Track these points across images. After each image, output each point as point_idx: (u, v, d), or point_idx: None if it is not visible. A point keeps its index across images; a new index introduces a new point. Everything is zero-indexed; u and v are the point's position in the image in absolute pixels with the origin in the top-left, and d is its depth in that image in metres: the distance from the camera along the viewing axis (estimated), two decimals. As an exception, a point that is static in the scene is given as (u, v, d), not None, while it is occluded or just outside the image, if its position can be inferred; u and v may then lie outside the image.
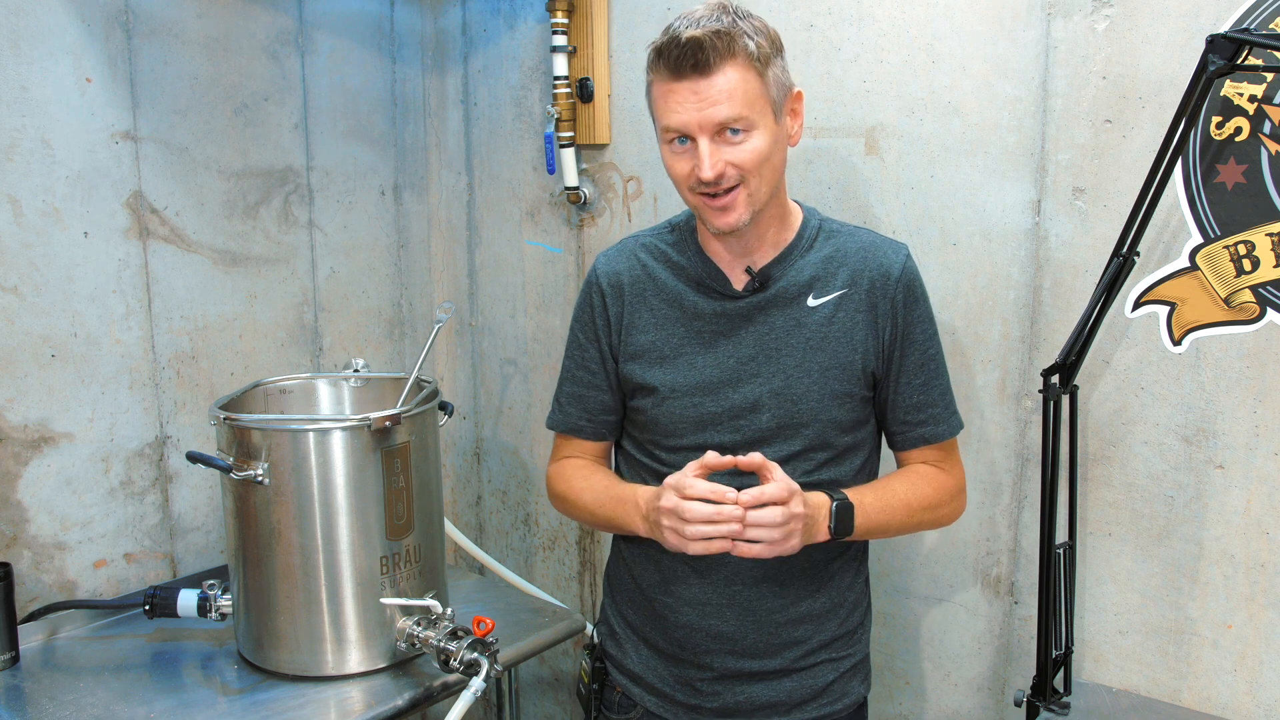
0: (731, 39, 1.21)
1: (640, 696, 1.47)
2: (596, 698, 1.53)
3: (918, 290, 1.40)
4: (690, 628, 1.40)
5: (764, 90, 1.25)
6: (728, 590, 1.38)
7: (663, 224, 1.49)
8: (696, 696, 1.42)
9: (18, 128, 1.68)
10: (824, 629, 1.41)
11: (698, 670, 1.41)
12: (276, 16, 2.03)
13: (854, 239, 1.40)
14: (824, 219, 1.43)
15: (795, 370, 1.35)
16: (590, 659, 1.55)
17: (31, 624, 1.71)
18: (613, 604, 1.53)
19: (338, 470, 1.55)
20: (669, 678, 1.44)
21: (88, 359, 1.79)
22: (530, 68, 2.15)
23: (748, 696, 1.40)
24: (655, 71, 1.27)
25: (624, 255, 1.46)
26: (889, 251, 1.39)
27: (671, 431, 1.39)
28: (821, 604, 1.41)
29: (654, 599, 1.43)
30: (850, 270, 1.37)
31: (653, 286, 1.42)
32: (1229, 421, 1.40)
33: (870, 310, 1.37)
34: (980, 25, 1.54)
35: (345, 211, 2.20)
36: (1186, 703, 1.48)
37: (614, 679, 1.51)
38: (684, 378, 1.37)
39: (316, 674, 1.59)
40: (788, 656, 1.40)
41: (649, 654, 1.46)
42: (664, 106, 1.27)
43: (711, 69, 1.21)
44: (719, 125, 1.23)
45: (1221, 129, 1.35)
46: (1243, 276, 1.36)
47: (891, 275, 1.37)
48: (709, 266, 1.39)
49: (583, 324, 1.48)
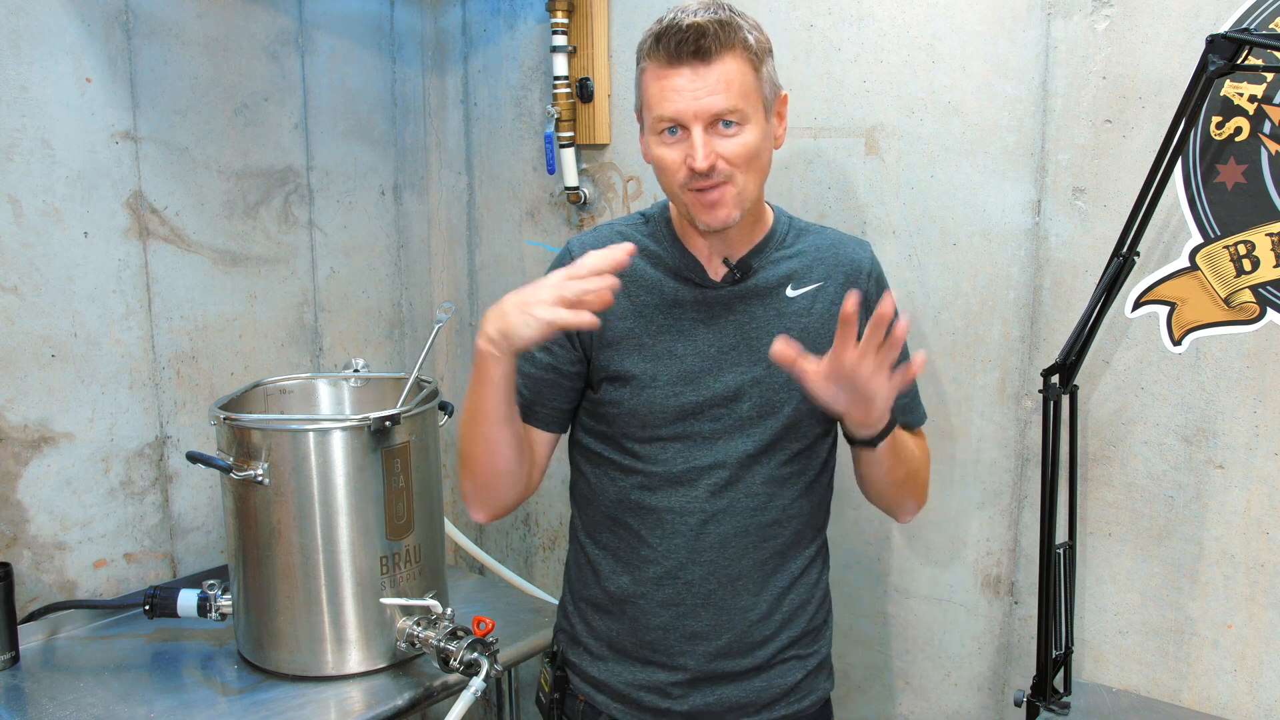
0: (733, 29, 1.21)
1: (605, 704, 1.43)
2: (558, 707, 1.49)
3: (884, 283, 1.45)
4: (664, 629, 1.38)
5: (758, 85, 1.25)
6: (702, 589, 1.36)
7: (634, 215, 1.45)
8: (666, 700, 1.39)
9: (18, 128, 1.68)
10: (793, 626, 1.41)
11: (669, 673, 1.39)
12: (276, 16, 2.03)
13: (822, 235, 1.42)
14: (792, 217, 1.44)
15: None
16: (551, 667, 1.50)
17: (31, 624, 1.71)
18: (576, 610, 1.48)
19: (338, 470, 1.55)
20: (638, 683, 1.40)
21: (88, 359, 1.79)
22: (530, 68, 2.16)
23: (718, 698, 1.39)
24: (651, 58, 1.25)
25: (599, 240, 1.41)
26: (855, 247, 1.42)
27: (649, 421, 1.35)
28: (791, 601, 1.40)
29: (624, 602, 1.40)
30: (825, 265, 1.39)
31: (630, 273, 1.36)
32: (1229, 421, 1.40)
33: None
34: (980, 25, 1.54)
35: (345, 211, 2.20)
36: (1186, 703, 1.48)
37: (576, 687, 1.47)
38: (664, 366, 1.35)
39: (316, 674, 1.59)
40: (759, 656, 1.39)
41: (616, 659, 1.42)
42: (658, 94, 1.24)
43: (712, 56, 1.20)
44: (715, 115, 1.22)
45: (1221, 129, 1.35)
46: (1243, 276, 1.36)
47: (862, 269, 1.40)
48: (687, 257, 1.37)
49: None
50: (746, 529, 1.36)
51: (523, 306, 1.20)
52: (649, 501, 1.36)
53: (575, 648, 1.47)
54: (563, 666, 1.49)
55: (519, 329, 1.20)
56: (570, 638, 1.48)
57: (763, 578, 1.38)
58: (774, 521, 1.37)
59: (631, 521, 1.38)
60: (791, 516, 1.38)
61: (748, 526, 1.36)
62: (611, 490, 1.39)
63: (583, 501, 1.46)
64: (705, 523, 1.35)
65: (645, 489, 1.36)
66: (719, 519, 1.35)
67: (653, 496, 1.36)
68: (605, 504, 1.40)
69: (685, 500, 1.35)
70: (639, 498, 1.37)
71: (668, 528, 1.35)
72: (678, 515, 1.35)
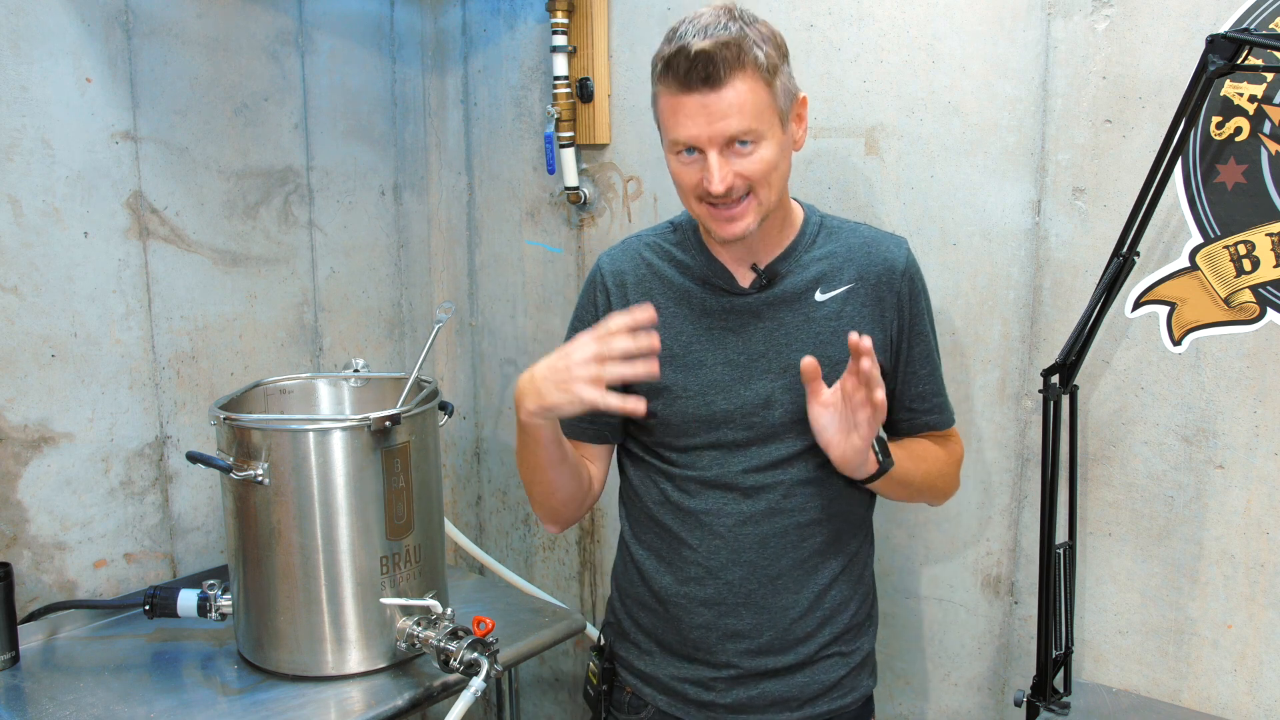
0: (740, 50, 1.19)
1: (651, 696, 1.46)
2: (605, 699, 1.52)
3: (919, 283, 1.42)
4: (706, 628, 1.40)
5: (772, 100, 1.24)
6: (743, 589, 1.38)
7: (663, 224, 1.48)
8: (709, 693, 1.41)
9: (18, 128, 1.68)
10: (835, 623, 1.42)
11: (712, 669, 1.41)
12: (276, 16, 2.03)
13: (855, 234, 1.41)
14: (824, 216, 1.43)
15: None
16: (599, 660, 1.54)
17: (31, 624, 1.71)
18: (622, 607, 1.51)
19: (338, 470, 1.55)
20: (682, 677, 1.43)
21: (88, 359, 1.79)
22: (530, 68, 2.15)
23: (760, 692, 1.40)
24: (663, 84, 1.25)
25: (628, 254, 1.45)
26: (891, 246, 1.40)
27: (683, 431, 1.38)
28: (833, 599, 1.41)
29: (667, 600, 1.42)
30: (856, 266, 1.38)
31: (658, 284, 1.41)
32: (1229, 421, 1.40)
33: (877, 304, 1.37)
34: (980, 25, 1.54)
35: (345, 211, 2.20)
36: (1186, 703, 1.48)
37: (623, 679, 1.50)
38: (695, 376, 1.36)
39: (316, 674, 1.59)
40: (801, 652, 1.40)
41: (661, 654, 1.45)
42: (672, 120, 1.25)
43: (721, 83, 1.19)
44: (729, 139, 1.22)
45: (1221, 129, 1.35)
46: (1243, 276, 1.36)
47: (896, 269, 1.38)
48: (714, 265, 1.38)
49: (586, 320, 1.45)
50: (785, 530, 1.36)
51: (563, 385, 1.20)
52: (687, 504, 1.39)
53: (623, 642, 1.51)
54: (610, 659, 1.52)
55: (562, 407, 1.22)
56: (617, 632, 1.52)
57: (803, 576, 1.39)
58: (813, 521, 1.37)
59: (672, 523, 1.40)
60: (831, 516, 1.39)
61: (786, 527, 1.36)
62: (653, 493, 1.42)
63: (628, 503, 1.50)
64: (743, 524, 1.36)
65: (683, 493, 1.39)
66: (757, 520, 1.36)
67: (690, 500, 1.38)
68: (647, 506, 1.43)
69: (722, 503, 1.37)
70: (678, 500, 1.39)
71: (707, 529, 1.37)
72: (715, 518, 1.37)
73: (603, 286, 1.44)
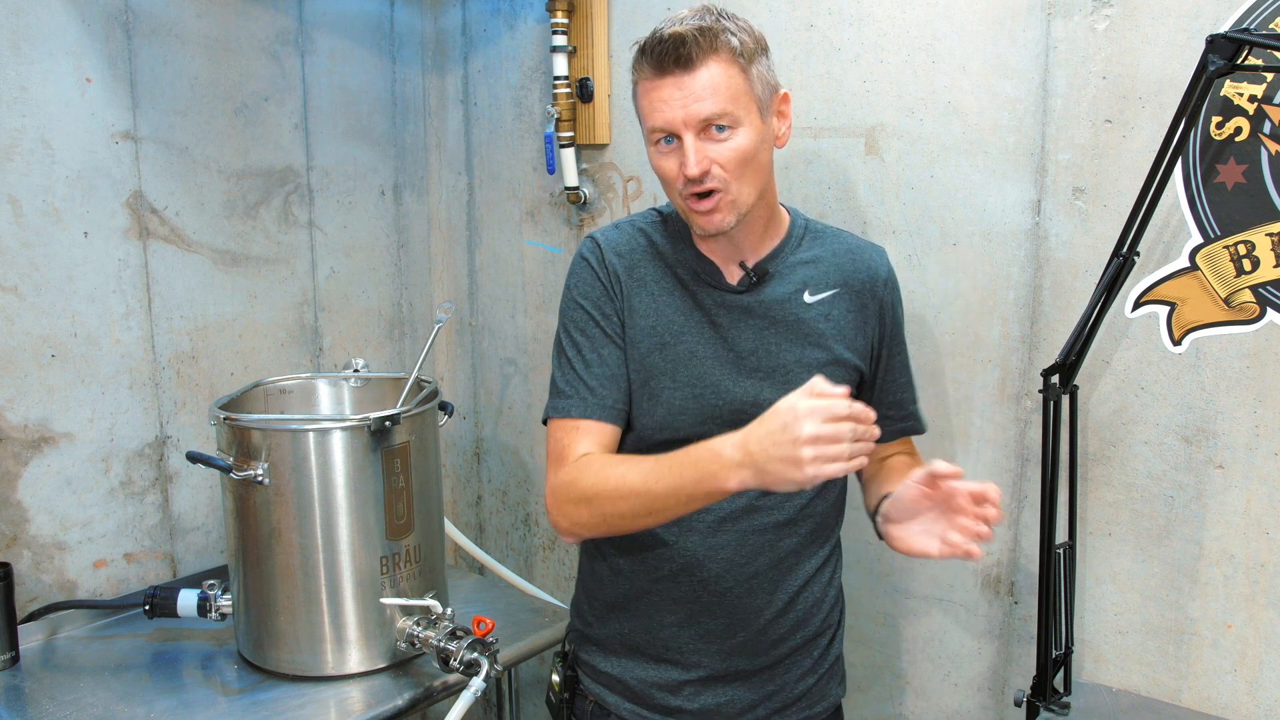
0: (714, 34, 1.22)
1: (616, 704, 1.43)
2: (567, 707, 1.49)
3: (898, 292, 1.46)
4: (678, 626, 1.38)
5: (748, 87, 1.24)
6: (717, 588, 1.37)
7: (650, 211, 1.44)
8: (676, 698, 1.40)
9: (18, 128, 1.68)
10: (807, 626, 1.41)
11: (682, 670, 1.39)
12: (276, 16, 2.03)
13: (839, 241, 1.43)
14: (809, 220, 1.44)
15: (795, 365, 1.34)
16: (562, 667, 1.51)
17: (31, 624, 1.71)
18: (590, 608, 1.48)
19: (338, 470, 1.55)
20: (650, 680, 1.41)
21: (88, 359, 1.79)
22: (530, 68, 2.15)
23: (730, 698, 1.39)
24: (639, 70, 1.27)
25: (623, 233, 1.41)
26: (873, 254, 1.43)
27: (667, 423, 1.35)
28: (805, 600, 1.40)
29: (639, 599, 1.40)
30: (841, 271, 1.39)
31: (652, 269, 1.38)
32: (1229, 421, 1.40)
33: (861, 310, 1.39)
34: (980, 25, 1.54)
35: (345, 211, 2.20)
36: (1186, 703, 1.48)
37: (586, 687, 1.47)
38: (684, 368, 1.35)
39: (316, 674, 1.59)
40: (773, 654, 1.40)
41: (629, 656, 1.42)
42: (648, 105, 1.26)
43: (694, 64, 1.21)
44: (703, 121, 1.22)
45: (1221, 129, 1.35)
46: (1243, 276, 1.36)
47: (879, 277, 1.41)
48: (703, 261, 1.38)
49: (593, 296, 1.36)
50: (763, 528, 1.36)
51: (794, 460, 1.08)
52: None
53: (587, 645, 1.47)
54: (573, 666, 1.49)
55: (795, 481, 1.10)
56: (582, 636, 1.49)
57: (778, 576, 1.38)
58: (789, 520, 1.37)
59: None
60: (807, 516, 1.39)
61: (764, 525, 1.36)
62: None
63: None
64: (721, 521, 1.35)
65: None
66: (735, 518, 1.35)
67: None
68: None
69: None
70: None
71: (683, 525, 1.36)
72: (694, 514, 1.34)
73: (605, 261, 1.37)
